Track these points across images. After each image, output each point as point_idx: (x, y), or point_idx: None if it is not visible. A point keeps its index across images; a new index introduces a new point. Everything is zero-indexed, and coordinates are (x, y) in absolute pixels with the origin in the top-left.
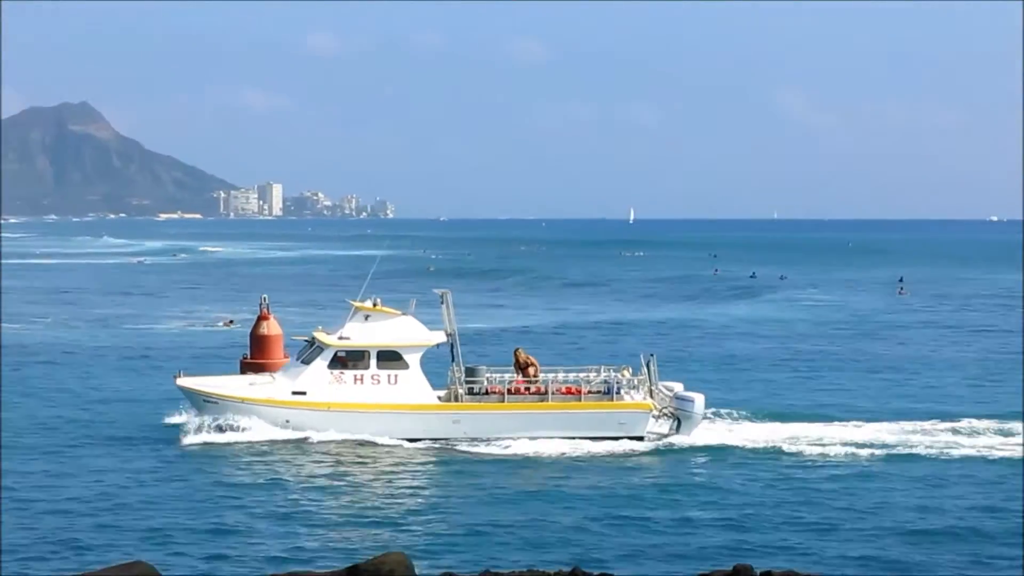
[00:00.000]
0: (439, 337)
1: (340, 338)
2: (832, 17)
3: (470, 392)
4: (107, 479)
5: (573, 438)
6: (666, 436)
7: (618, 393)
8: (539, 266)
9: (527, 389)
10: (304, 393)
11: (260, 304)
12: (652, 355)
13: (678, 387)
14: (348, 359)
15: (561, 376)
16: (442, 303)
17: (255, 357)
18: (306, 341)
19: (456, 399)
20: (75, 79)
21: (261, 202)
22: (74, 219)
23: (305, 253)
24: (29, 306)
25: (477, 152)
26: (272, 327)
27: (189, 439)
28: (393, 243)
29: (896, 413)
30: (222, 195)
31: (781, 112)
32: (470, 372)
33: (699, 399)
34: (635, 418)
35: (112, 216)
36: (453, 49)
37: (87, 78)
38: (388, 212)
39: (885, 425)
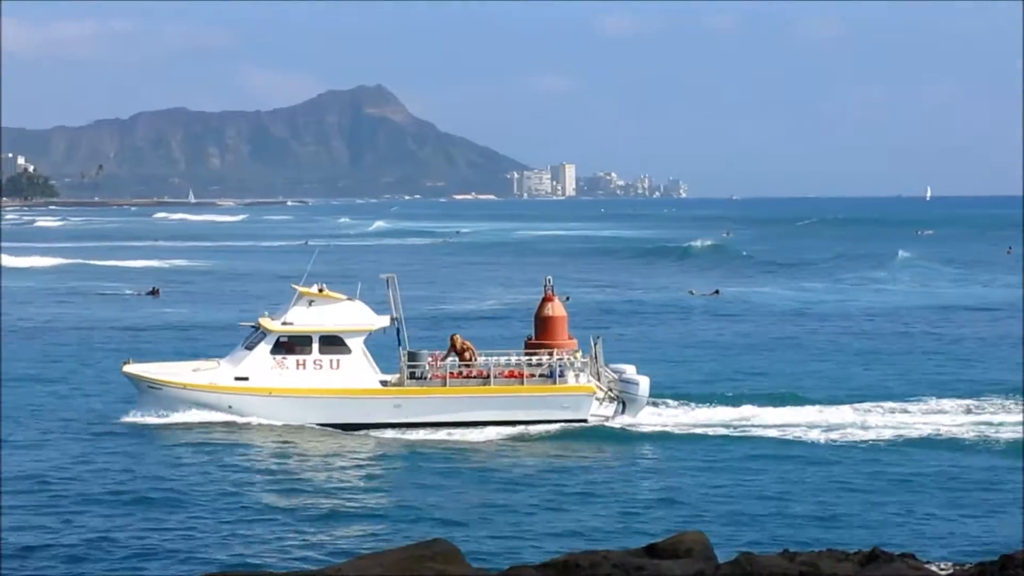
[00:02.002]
0: (383, 321)
1: (283, 323)
2: None
3: (412, 376)
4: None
5: (516, 422)
6: (611, 419)
7: (562, 376)
8: (814, 245)
9: (464, 372)
10: (247, 379)
11: (544, 285)
12: (599, 337)
13: (630, 370)
14: (291, 344)
15: (504, 360)
16: (387, 287)
17: (539, 338)
18: (252, 327)
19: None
20: (371, 63)
21: (554, 183)
22: (373, 200)
23: (593, 233)
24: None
25: (770, 130)
26: (556, 308)
27: (127, 419)
28: (683, 223)
29: None
30: (515, 176)
31: None
32: (412, 356)
33: (644, 381)
34: (578, 401)
35: (407, 198)
36: (746, 28)
37: (382, 62)
38: (681, 192)
39: None
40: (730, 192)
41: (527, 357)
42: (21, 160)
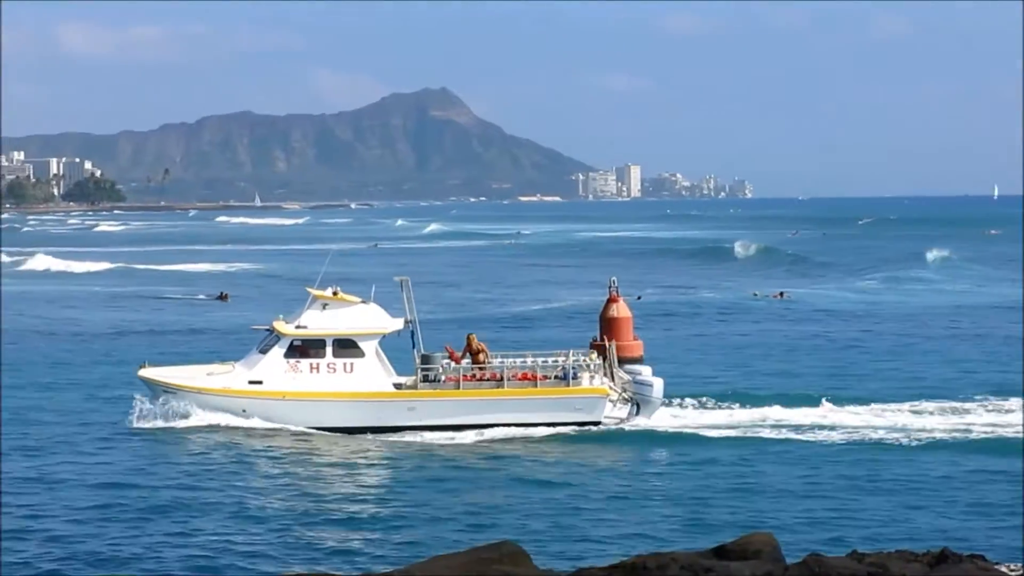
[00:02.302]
0: (396, 324)
1: (297, 327)
2: None
3: (425, 379)
4: None
5: (529, 424)
6: (624, 421)
7: (575, 378)
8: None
9: (478, 375)
10: (261, 382)
11: (609, 286)
12: (612, 342)
13: (646, 371)
14: (304, 348)
15: (519, 361)
16: (401, 290)
17: (604, 339)
18: (266, 330)
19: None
20: (435, 65)
21: (619, 184)
22: (437, 203)
23: (657, 234)
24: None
25: (834, 129)
26: (621, 309)
27: (139, 425)
28: (749, 224)
29: None
30: (581, 177)
31: None
32: (425, 359)
33: (658, 383)
34: (591, 403)
35: (472, 200)
36: (814, 25)
37: (447, 64)
38: (746, 192)
39: None
40: (796, 192)
41: (540, 359)
42: (88, 165)
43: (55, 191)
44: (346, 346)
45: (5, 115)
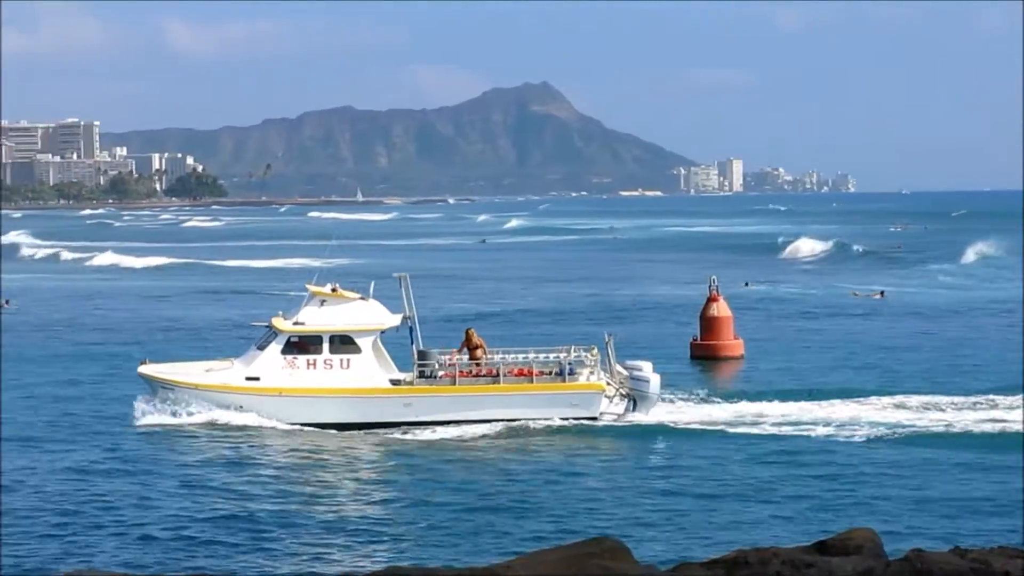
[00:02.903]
0: (393, 321)
1: (295, 323)
2: None
3: (421, 375)
4: None
5: (525, 420)
6: (621, 417)
7: (571, 374)
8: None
9: (474, 371)
10: (258, 379)
11: (709, 285)
12: (610, 335)
13: (646, 367)
14: (301, 344)
15: (520, 357)
16: (400, 286)
17: (705, 338)
18: (265, 327)
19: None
20: (536, 60)
21: (721, 178)
22: (533, 197)
23: (756, 229)
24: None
25: (941, 122)
26: (721, 308)
27: (141, 422)
28: (848, 218)
29: None
30: (682, 172)
31: None
32: (421, 355)
33: (654, 379)
34: (588, 399)
35: (573, 195)
36: (922, 20)
37: (548, 59)
38: (849, 186)
39: None
40: (899, 186)
41: (536, 355)
42: (190, 160)
43: (157, 186)
44: (342, 342)
45: (109, 110)
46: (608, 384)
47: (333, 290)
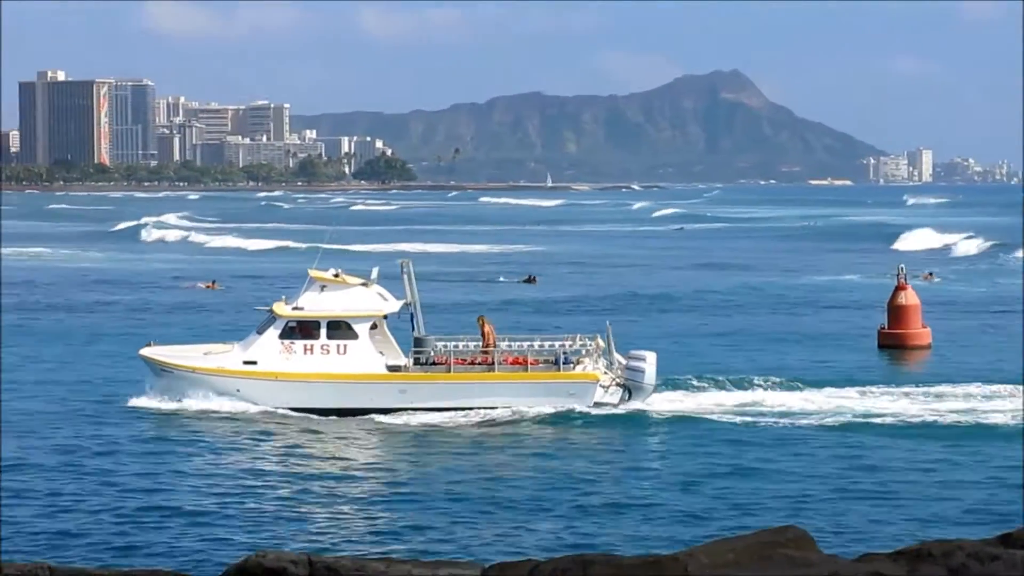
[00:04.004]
0: (392, 307)
1: (294, 308)
2: None
3: (416, 362)
4: None
5: (519, 408)
6: (616, 406)
7: (567, 363)
8: None
9: (469, 359)
10: (255, 363)
11: (897, 274)
12: (608, 324)
13: (650, 357)
14: (299, 329)
15: (526, 345)
16: (403, 272)
17: (892, 327)
18: (267, 311)
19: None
20: (727, 48)
21: (910, 168)
22: (718, 185)
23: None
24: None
25: None
26: (910, 297)
27: (136, 402)
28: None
29: None
30: (871, 161)
31: None
32: (417, 342)
33: (649, 369)
34: (582, 388)
35: (762, 183)
36: None
37: (739, 47)
38: None
39: None
40: None
41: (541, 344)
42: (379, 144)
43: (346, 170)
44: (340, 328)
45: (300, 94)
46: (605, 374)
47: (335, 275)
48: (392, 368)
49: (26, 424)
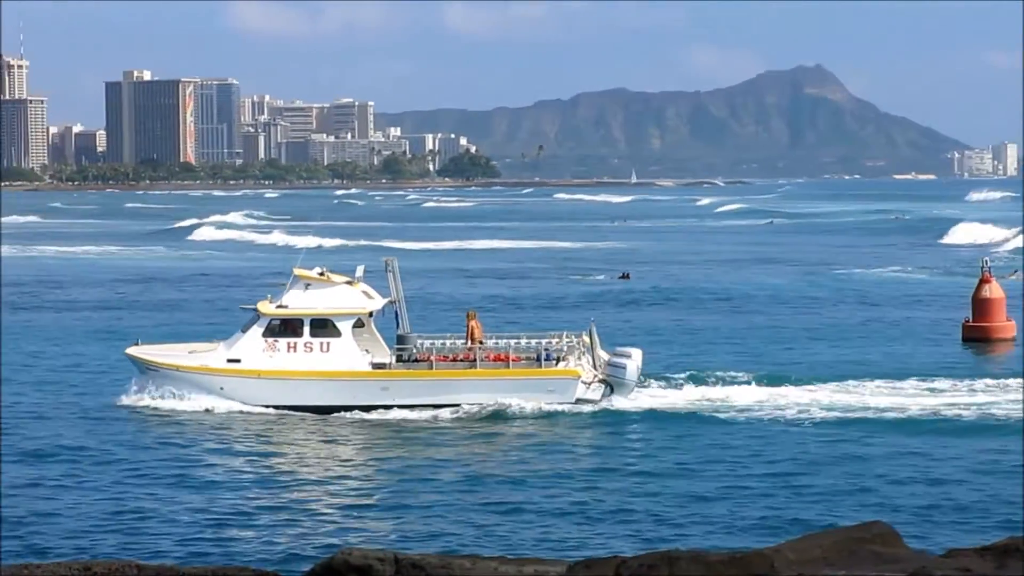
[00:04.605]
0: (375, 305)
1: (278, 307)
2: None
3: (399, 359)
4: None
5: (501, 405)
6: (599, 402)
7: (549, 360)
8: None
9: (450, 356)
10: (239, 361)
11: (982, 266)
12: (593, 321)
13: (636, 354)
14: (282, 327)
15: (514, 343)
16: (387, 270)
17: (977, 320)
18: (252, 310)
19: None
20: (810, 43)
21: (995, 162)
22: (799, 180)
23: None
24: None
25: None
26: (994, 290)
27: (125, 401)
28: None
29: None
30: (956, 156)
31: None
32: (400, 340)
33: (631, 364)
34: (563, 385)
35: (846, 177)
36: None
37: (822, 41)
38: None
39: None
40: None
41: (518, 341)
42: (463, 141)
43: (430, 167)
44: (323, 326)
45: (384, 91)
46: (584, 371)
47: (321, 274)
48: (377, 366)
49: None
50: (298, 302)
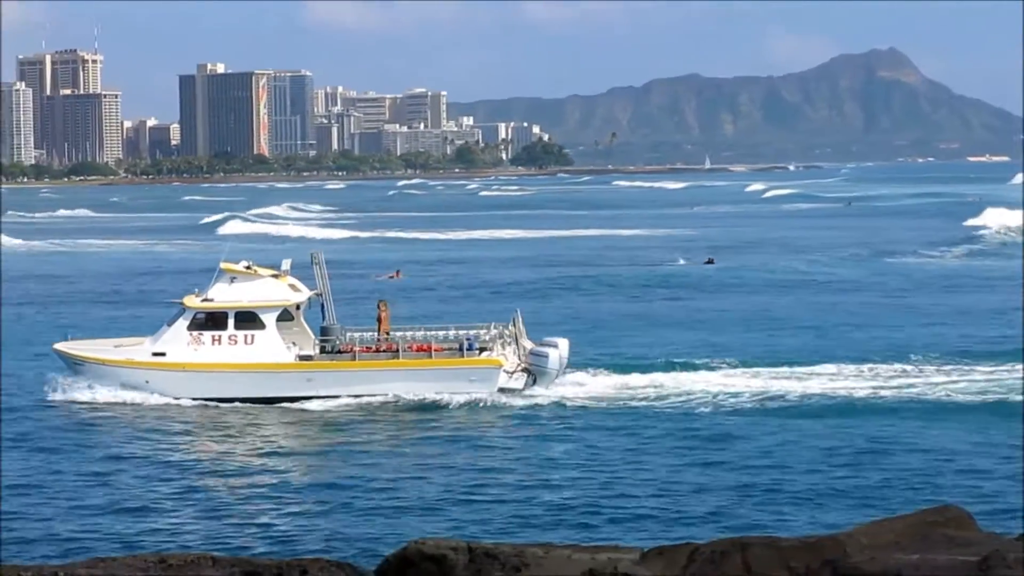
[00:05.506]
0: (299, 297)
1: (203, 300)
2: None
3: (323, 351)
4: None
5: (423, 394)
6: (520, 391)
7: (471, 350)
8: None
9: (374, 347)
10: (164, 354)
11: None
12: (517, 311)
13: (563, 344)
14: (207, 320)
15: (413, 334)
16: (313, 263)
17: None
18: (179, 303)
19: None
20: (883, 26)
21: None
22: (868, 164)
23: None
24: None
25: None
26: None
27: (54, 397)
28: None
29: None
30: None
31: None
32: (324, 331)
33: (553, 354)
34: (485, 374)
35: (920, 160)
36: None
37: (895, 24)
38: None
39: None
40: None
41: (446, 332)
42: (536, 129)
43: (503, 155)
44: (247, 319)
45: (456, 81)
46: (510, 360)
47: (247, 267)
48: (303, 357)
49: None
50: (223, 295)
